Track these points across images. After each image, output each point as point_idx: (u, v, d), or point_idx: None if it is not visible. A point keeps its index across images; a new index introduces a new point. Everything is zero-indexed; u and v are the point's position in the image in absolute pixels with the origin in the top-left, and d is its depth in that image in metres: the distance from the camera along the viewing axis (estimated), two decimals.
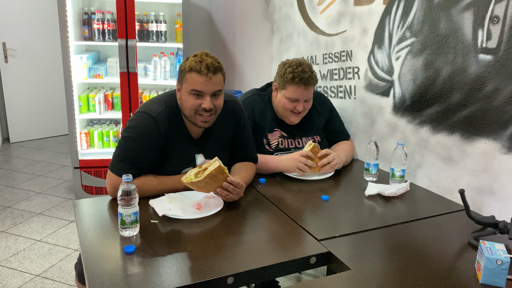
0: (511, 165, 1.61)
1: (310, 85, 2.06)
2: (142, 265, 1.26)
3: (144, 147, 1.67)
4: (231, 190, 1.64)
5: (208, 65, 1.64)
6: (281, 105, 2.12)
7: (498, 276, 1.21)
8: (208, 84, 1.65)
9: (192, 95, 1.67)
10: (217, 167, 1.57)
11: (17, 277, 2.56)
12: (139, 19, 3.53)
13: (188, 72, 1.66)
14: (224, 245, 1.39)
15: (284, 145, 2.18)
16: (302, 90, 2.05)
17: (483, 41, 1.68)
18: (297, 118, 2.14)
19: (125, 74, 3.34)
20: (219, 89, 1.69)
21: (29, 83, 5.02)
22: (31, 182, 3.98)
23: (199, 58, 1.66)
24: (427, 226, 1.59)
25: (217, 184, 1.60)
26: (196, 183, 1.57)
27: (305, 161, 1.96)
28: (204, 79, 1.64)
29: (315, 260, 1.36)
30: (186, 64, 1.68)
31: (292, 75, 2.03)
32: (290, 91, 2.06)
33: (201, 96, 1.67)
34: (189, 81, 1.66)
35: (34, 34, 4.93)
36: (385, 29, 2.16)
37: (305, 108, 2.11)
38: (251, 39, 3.62)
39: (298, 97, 2.06)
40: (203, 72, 1.63)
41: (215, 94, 1.69)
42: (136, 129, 1.68)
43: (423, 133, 1.98)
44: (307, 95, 2.09)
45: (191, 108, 1.68)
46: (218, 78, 1.68)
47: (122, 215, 1.40)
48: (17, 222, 3.22)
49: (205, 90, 1.66)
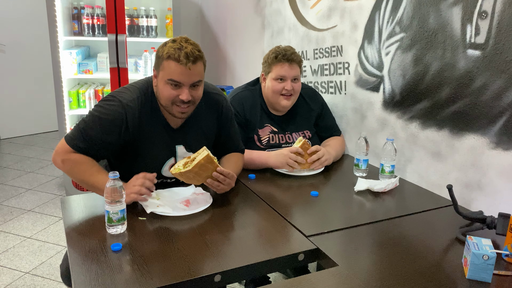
0: (499, 160, 1.62)
1: (294, 62, 2.09)
2: (129, 263, 1.25)
3: (103, 130, 1.59)
4: (222, 180, 1.61)
5: (188, 54, 1.53)
6: (270, 90, 2.12)
7: (484, 271, 1.21)
8: (187, 74, 1.55)
9: (169, 85, 1.57)
10: (206, 156, 1.55)
11: (7, 274, 2.54)
12: (129, 14, 3.50)
13: (166, 59, 1.55)
14: (212, 242, 1.38)
15: (275, 140, 2.18)
16: (287, 68, 2.08)
17: (472, 36, 1.68)
18: (288, 101, 2.13)
19: (115, 69, 3.32)
20: (199, 79, 1.60)
21: (19, 79, 4.97)
22: (21, 178, 3.95)
23: (178, 45, 1.54)
24: (416, 221, 1.60)
25: (206, 174, 1.59)
26: (185, 173, 1.56)
27: (295, 157, 1.96)
28: (183, 69, 1.53)
29: (303, 256, 1.36)
30: (164, 50, 1.56)
31: (274, 55, 2.09)
32: (276, 71, 2.09)
33: (179, 86, 1.57)
34: (167, 70, 1.56)
35: (24, 29, 4.88)
36: (375, 24, 2.15)
37: (294, 89, 2.11)
38: (242, 34, 3.61)
39: (284, 74, 2.08)
40: (182, 61, 1.52)
41: (194, 85, 1.60)
42: (102, 110, 1.61)
43: (412, 128, 1.98)
44: (293, 73, 2.10)
45: (167, 98, 1.59)
46: (198, 68, 1.58)
47: (109, 212, 1.39)
48: (7, 219, 3.19)
49: (183, 80, 1.56)
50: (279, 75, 2.08)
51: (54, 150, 1.63)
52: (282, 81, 2.09)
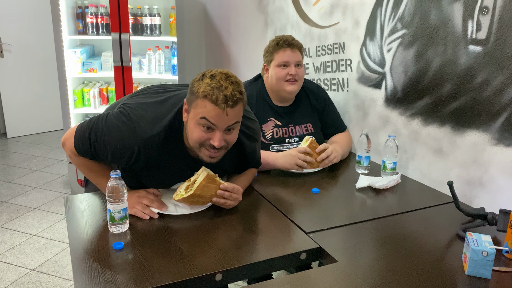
0: (500, 156, 1.61)
1: (295, 47, 2.10)
2: (130, 262, 1.27)
3: (111, 153, 1.48)
4: (227, 197, 1.53)
5: (228, 97, 1.34)
6: (274, 78, 2.12)
7: (483, 267, 1.21)
8: (223, 119, 1.37)
9: (201, 126, 1.39)
10: (206, 177, 1.49)
11: (13, 271, 2.58)
12: (133, 12, 3.51)
13: (201, 98, 1.36)
14: (213, 241, 1.39)
15: (279, 134, 2.18)
16: (289, 53, 2.09)
17: (473, 32, 1.67)
18: (293, 86, 2.11)
19: (119, 68, 3.34)
20: (235, 121, 1.42)
21: (26, 78, 5.01)
22: (28, 177, 3.99)
23: (217, 83, 1.36)
24: (417, 218, 1.60)
25: (210, 194, 1.52)
26: (188, 198, 1.51)
27: (304, 157, 1.94)
28: (219, 113, 1.36)
29: (305, 256, 1.36)
30: (200, 86, 1.37)
31: (275, 42, 2.11)
32: (279, 57, 2.10)
33: (211, 129, 1.40)
34: (201, 109, 1.37)
35: (29, 29, 4.91)
36: (377, 21, 2.15)
37: (298, 74, 2.10)
38: (245, 32, 3.61)
39: (287, 60, 2.09)
40: (220, 105, 1.34)
41: (229, 128, 1.42)
42: (115, 132, 1.46)
43: (414, 125, 1.98)
44: (295, 58, 2.10)
45: (196, 140, 1.42)
46: (236, 111, 1.39)
47: (111, 211, 1.40)
48: (13, 217, 3.23)
49: (218, 123, 1.38)
50: (282, 61, 2.09)
51: (64, 137, 1.58)
52: (285, 67, 2.09)
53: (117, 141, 1.47)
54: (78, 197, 1.70)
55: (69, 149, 1.58)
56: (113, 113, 1.52)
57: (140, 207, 1.53)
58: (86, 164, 1.60)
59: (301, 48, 2.15)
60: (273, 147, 2.15)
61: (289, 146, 2.16)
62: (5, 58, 4.81)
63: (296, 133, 2.20)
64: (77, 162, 1.62)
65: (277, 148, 2.16)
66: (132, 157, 1.48)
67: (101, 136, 1.48)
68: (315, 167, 2.00)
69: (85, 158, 1.58)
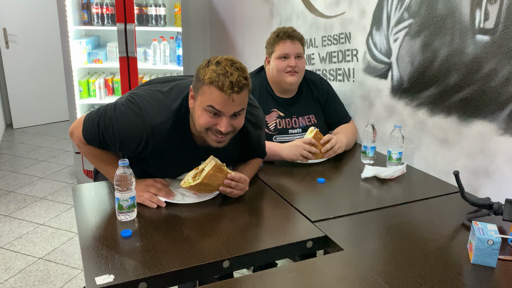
0: (507, 146, 1.61)
1: (295, 38, 2.11)
2: (138, 249, 1.28)
3: (119, 141, 1.50)
4: (234, 186, 1.55)
5: (233, 83, 1.37)
6: (275, 70, 2.13)
7: (489, 256, 1.22)
8: (229, 104, 1.40)
9: (207, 112, 1.42)
10: (214, 166, 1.50)
11: (21, 259, 2.61)
12: (138, 3, 3.51)
13: (208, 85, 1.39)
14: (221, 229, 1.40)
15: (282, 125, 2.18)
16: (289, 44, 2.10)
17: (481, 21, 1.66)
18: (293, 77, 2.12)
19: (124, 58, 3.34)
20: (241, 108, 1.45)
21: (31, 69, 5.02)
22: (34, 167, 4.02)
23: (223, 69, 1.38)
24: (422, 208, 1.60)
25: (217, 183, 1.54)
26: (196, 186, 1.52)
27: (309, 148, 1.94)
28: (225, 99, 1.38)
29: (311, 244, 1.37)
30: (205, 73, 1.39)
31: (276, 34, 2.13)
32: (279, 49, 2.11)
33: (218, 115, 1.42)
34: (207, 96, 1.40)
35: (34, 19, 4.92)
36: (383, 10, 2.13)
37: (298, 66, 2.11)
38: (250, 22, 3.59)
39: (287, 52, 2.10)
40: (226, 91, 1.37)
41: (235, 114, 1.45)
42: (124, 120, 1.48)
43: (420, 115, 1.98)
44: (296, 49, 2.11)
45: (203, 126, 1.45)
46: (242, 97, 1.42)
47: (119, 199, 1.42)
48: (20, 206, 3.26)
49: (224, 110, 1.41)
50: (282, 53, 2.10)
51: (71, 127, 1.60)
52: (285, 59, 2.11)
53: (126, 129, 1.49)
54: (85, 186, 1.71)
55: (77, 138, 1.60)
56: (122, 101, 1.54)
57: (147, 196, 1.55)
58: (94, 153, 1.62)
59: (302, 40, 2.15)
60: (276, 138, 2.15)
61: (292, 137, 2.16)
62: (11, 49, 4.83)
63: (299, 124, 2.21)
64: (85, 151, 1.63)
65: (280, 139, 2.16)
66: (140, 144, 1.50)
67: (110, 124, 1.50)
68: (320, 158, 2.00)
69: (93, 147, 1.59)
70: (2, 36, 4.74)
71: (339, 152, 2.05)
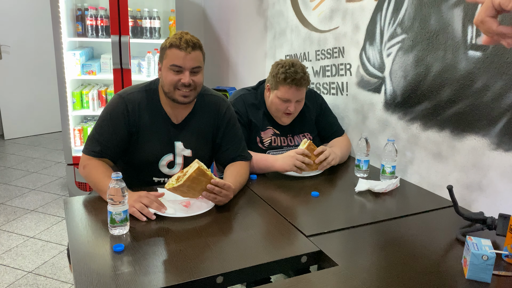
0: (499, 161, 1.62)
1: (302, 86, 2.07)
2: (131, 264, 1.27)
3: (108, 125, 1.75)
4: (217, 192, 1.59)
5: (188, 41, 1.69)
6: (273, 105, 2.13)
7: (484, 271, 1.22)
8: (187, 59, 1.70)
9: (171, 71, 1.71)
10: (197, 169, 1.53)
11: (10, 273, 2.56)
12: (132, 15, 3.52)
13: (169, 48, 1.71)
14: (214, 243, 1.39)
15: (277, 143, 2.18)
16: (294, 91, 2.06)
17: (473, 37, 1.68)
18: (288, 119, 2.16)
19: (118, 70, 3.34)
20: (198, 65, 1.74)
21: (24, 80, 5.00)
22: (25, 178, 3.98)
23: (179, 35, 1.71)
24: (416, 222, 1.60)
25: (200, 187, 1.56)
26: (178, 187, 1.54)
27: (302, 158, 1.94)
28: (183, 54, 1.69)
29: (306, 259, 1.36)
30: (166, 41, 1.73)
31: (284, 76, 2.04)
32: (282, 91, 2.06)
33: (180, 71, 1.71)
34: (169, 57, 1.71)
35: (28, 31, 4.91)
36: (377, 25, 2.16)
37: (296, 109, 2.12)
38: (244, 35, 3.62)
39: (289, 98, 2.07)
40: (182, 46, 1.68)
41: (194, 70, 1.73)
42: (105, 109, 1.79)
43: (413, 129, 1.99)
44: (299, 96, 2.09)
45: (170, 83, 1.73)
46: (197, 54, 1.73)
47: (112, 213, 1.40)
48: (10, 219, 3.22)
49: (184, 65, 1.70)
50: (285, 98, 2.07)
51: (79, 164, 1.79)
52: (286, 102, 2.09)
53: (111, 111, 1.77)
54: (77, 199, 1.69)
55: (81, 162, 1.76)
56: None
57: (138, 206, 1.54)
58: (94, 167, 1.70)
59: (308, 84, 2.11)
60: (270, 152, 2.16)
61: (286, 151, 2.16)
62: (4, 60, 4.81)
63: (294, 143, 2.22)
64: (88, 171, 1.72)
65: (274, 153, 2.17)
66: (124, 116, 1.75)
67: (102, 117, 1.78)
68: (314, 170, 2.00)
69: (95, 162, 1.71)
70: None
71: (333, 164, 2.05)
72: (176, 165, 1.85)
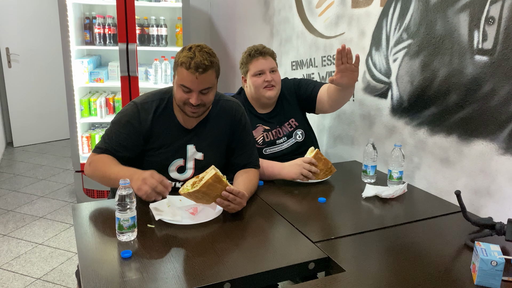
0: (508, 166, 1.61)
1: (266, 55, 2.19)
2: (138, 270, 1.27)
3: (120, 130, 1.75)
4: (231, 200, 1.57)
5: (198, 64, 1.63)
6: (253, 87, 2.19)
7: (493, 277, 1.21)
8: (196, 82, 1.66)
9: (181, 88, 1.70)
10: (213, 175, 1.52)
11: (18, 280, 2.58)
12: (139, 23, 3.55)
13: (179, 66, 1.67)
14: (222, 250, 1.39)
15: (269, 138, 2.22)
16: (262, 61, 2.17)
17: (479, 42, 1.68)
18: (272, 91, 2.18)
19: (126, 78, 3.36)
20: (208, 87, 1.70)
21: (33, 88, 5.06)
22: (34, 186, 4.01)
23: (192, 53, 1.65)
24: (424, 227, 1.59)
25: (215, 193, 1.56)
26: (193, 193, 1.54)
27: (309, 167, 1.94)
28: (192, 78, 1.65)
29: (313, 265, 1.35)
30: (179, 56, 1.68)
31: (247, 53, 2.21)
32: (253, 67, 2.18)
33: (189, 91, 1.69)
34: (179, 75, 1.68)
35: (37, 39, 4.97)
36: (383, 31, 2.16)
37: (274, 79, 2.18)
38: (251, 42, 3.62)
39: (261, 68, 2.17)
40: (191, 70, 1.64)
41: (203, 92, 1.70)
42: (119, 115, 1.80)
43: (420, 134, 1.98)
44: (269, 64, 2.19)
45: (179, 100, 1.72)
46: (207, 77, 1.67)
47: (120, 219, 1.41)
48: (19, 225, 3.24)
49: (192, 87, 1.67)
50: (257, 70, 2.17)
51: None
52: (261, 75, 2.17)
53: (123, 115, 1.78)
54: (85, 205, 1.70)
55: (88, 159, 1.77)
56: None
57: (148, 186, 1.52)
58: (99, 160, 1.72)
59: (273, 55, 2.23)
60: (266, 150, 2.19)
61: (280, 147, 2.22)
62: (13, 68, 4.86)
63: (283, 133, 2.25)
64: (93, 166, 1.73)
65: (270, 151, 2.20)
66: (135, 121, 1.75)
67: (114, 121, 1.79)
68: (320, 178, 2.00)
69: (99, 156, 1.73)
70: (5, 55, 4.78)
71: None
72: (188, 170, 1.84)
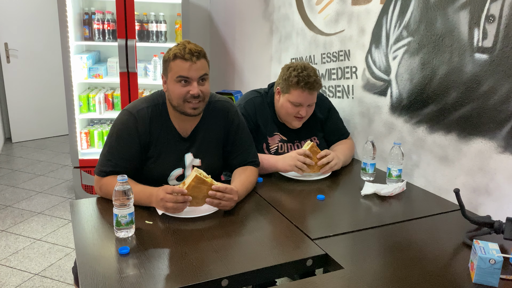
0: (506, 164, 1.61)
1: (314, 90, 2.04)
2: (136, 266, 1.27)
3: (120, 144, 1.71)
4: (220, 197, 1.57)
5: (192, 50, 1.65)
6: (284, 109, 2.09)
7: (491, 275, 1.21)
8: (193, 68, 1.65)
9: (179, 83, 1.67)
10: (195, 178, 1.53)
11: (16, 275, 2.58)
12: (139, 19, 3.54)
13: (173, 60, 1.66)
14: (220, 246, 1.39)
15: (284, 149, 2.17)
16: (307, 95, 2.03)
17: (479, 40, 1.68)
18: (299, 123, 2.12)
19: (125, 74, 3.35)
20: (205, 73, 1.70)
21: (31, 83, 5.04)
22: (32, 181, 4.00)
23: (182, 45, 1.67)
24: (423, 225, 1.59)
25: (202, 195, 1.56)
26: None
27: (303, 159, 1.94)
28: (189, 64, 1.64)
29: (311, 262, 1.35)
30: (169, 53, 1.68)
31: (297, 79, 2.00)
32: (294, 96, 2.03)
33: (188, 82, 1.67)
34: (175, 69, 1.66)
35: (36, 35, 4.95)
36: (382, 28, 2.15)
37: (307, 113, 2.09)
38: (250, 39, 3.63)
39: (302, 102, 2.04)
40: (187, 57, 1.63)
41: (201, 78, 1.69)
42: (114, 127, 1.74)
43: (419, 132, 1.98)
44: (311, 100, 2.06)
45: (178, 97, 1.68)
46: (202, 63, 1.68)
47: (118, 216, 1.41)
48: (17, 221, 3.24)
49: (191, 75, 1.66)
50: (297, 102, 2.04)
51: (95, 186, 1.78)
52: (298, 106, 2.05)
53: (120, 128, 1.73)
54: (84, 202, 1.70)
55: (96, 184, 1.74)
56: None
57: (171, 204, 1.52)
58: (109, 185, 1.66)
59: (320, 87, 2.07)
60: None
61: None
62: (12, 64, 4.85)
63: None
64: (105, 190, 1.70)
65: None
66: (135, 132, 1.71)
67: (112, 134, 1.73)
68: (315, 171, 2.00)
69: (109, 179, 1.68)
70: (4, 51, 4.76)
71: (336, 169, 2.04)
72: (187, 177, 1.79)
